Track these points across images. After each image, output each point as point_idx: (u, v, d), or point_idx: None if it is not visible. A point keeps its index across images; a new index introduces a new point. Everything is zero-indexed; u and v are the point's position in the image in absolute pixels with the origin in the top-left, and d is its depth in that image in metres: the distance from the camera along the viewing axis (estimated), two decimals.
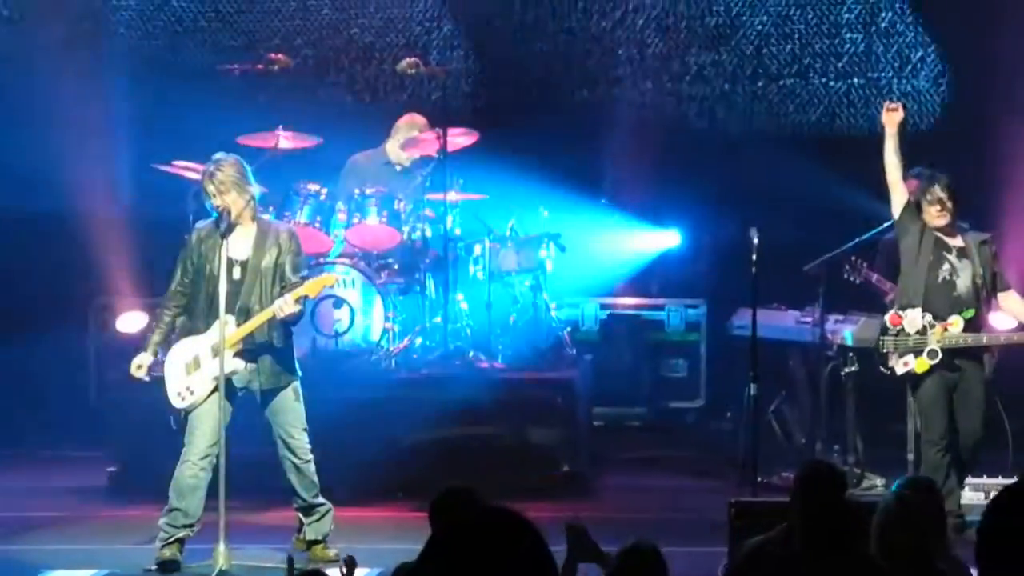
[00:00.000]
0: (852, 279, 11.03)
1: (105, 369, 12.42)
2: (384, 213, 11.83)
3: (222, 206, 8.97)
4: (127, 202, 13.67)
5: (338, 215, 11.90)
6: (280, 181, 11.62)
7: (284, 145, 11.72)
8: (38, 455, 12.57)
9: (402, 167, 12.40)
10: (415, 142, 12.20)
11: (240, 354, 9.02)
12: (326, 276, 9.57)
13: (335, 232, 11.89)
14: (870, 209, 11.07)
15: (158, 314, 9.32)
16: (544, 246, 12.37)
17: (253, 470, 9.44)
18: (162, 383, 9.11)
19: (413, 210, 11.97)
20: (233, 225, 8.99)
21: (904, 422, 10.67)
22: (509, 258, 12.27)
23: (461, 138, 12.10)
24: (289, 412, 9.19)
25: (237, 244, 9.05)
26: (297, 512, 9.39)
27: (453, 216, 11.99)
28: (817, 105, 14.51)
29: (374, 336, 11.72)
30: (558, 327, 12.49)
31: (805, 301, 11.60)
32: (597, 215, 13.86)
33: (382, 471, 10.70)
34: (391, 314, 11.70)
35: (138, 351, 9.27)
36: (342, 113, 13.96)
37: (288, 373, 9.19)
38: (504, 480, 10.28)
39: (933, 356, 9.88)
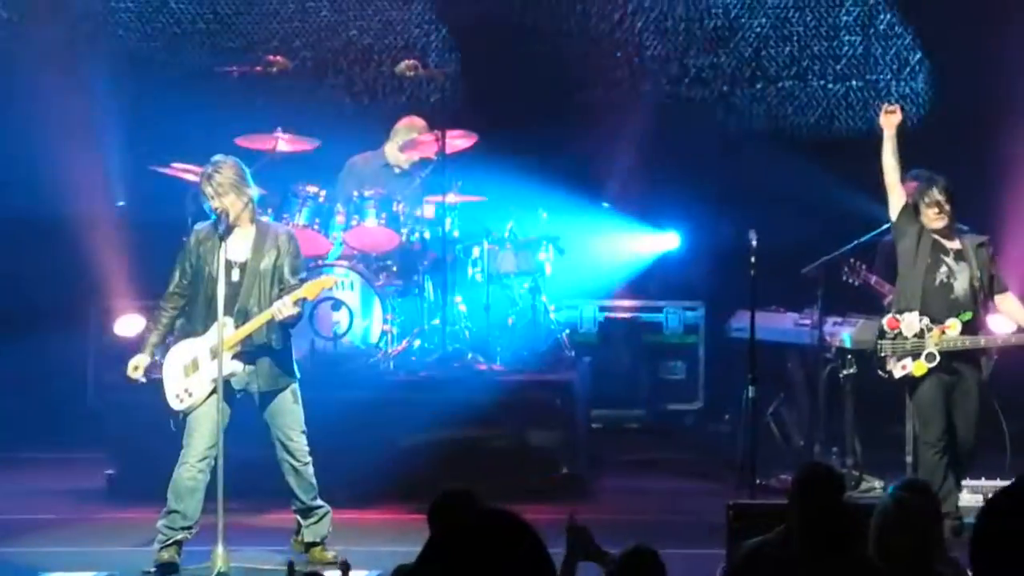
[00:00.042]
0: (851, 281, 11.03)
1: (103, 371, 12.41)
2: (383, 215, 11.83)
3: (220, 208, 8.96)
4: (126, 204, 13.67)
5: (337, 217, 11.90)
6: (279, 183, 11.63)
7: (282, 148, 11.71)
8: (36, 457, 12.56)
9: (401, 169, 12.40)
10: (414, 144, 12.21)
11: (239, 356, 9.02)
12: (325, 278, 9.56)
13: (334, 234, 11.89)
14: (868, 211, 11.07)
15: (155, 315, 9.32)
16: (543, 248, 12.37)
17: (251, 472, 9.44)
18: (160, 385, 9.11)
19: (411, 212, 11.98)
20: (231, 227, 8.98)
21: (902, 424, 10.67)
22: (508, 260, 12.27)
23: (460, 140, 12.10)
24: (287, 414, 9.18)
25: (236, 246, 9.05)
26: (295, 514, 9.39)
27: (452, 218, 11.99)
28: (816, 107, 14.51)
29: (373, 338, 11.72)
30: (557, 329, 12.49)
31: (803, 303, 11.60)
32: (596, 217, 13.87)
33: (380, 473, 10.69)
34: (390, 316, 11.70)
35: (136, 353, 9.27)
36: (341, 115, 13.97)
37: (287, 375, 9.19)
38: (503, 482, 10.29)
39: (931, 359, 9.88)
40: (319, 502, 9.34)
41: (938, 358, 9.87)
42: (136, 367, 9.14)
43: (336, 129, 12.56)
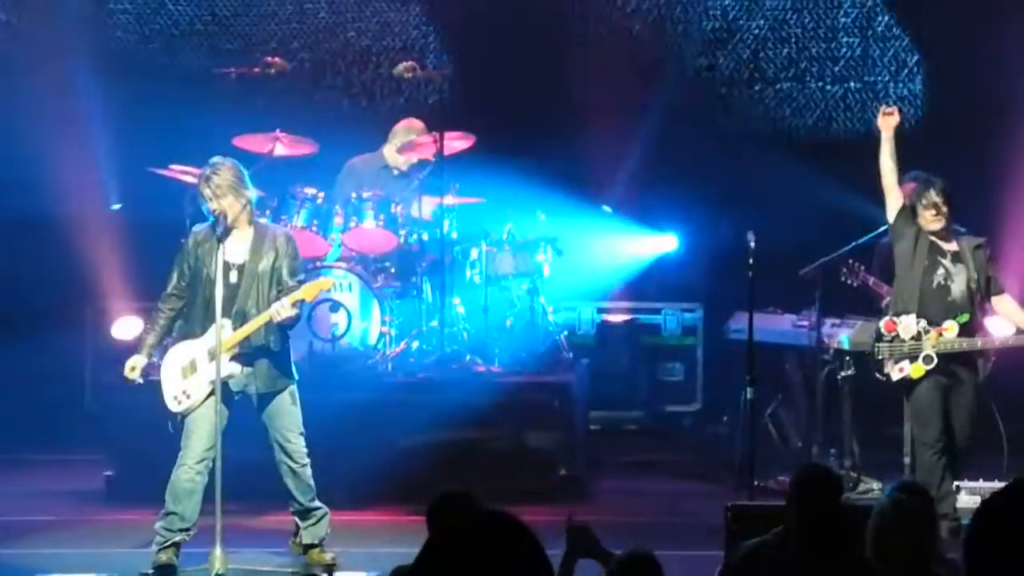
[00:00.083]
0: (849, 282, 11.03)
1: (101, 373, 12.41)
2: (381, 217, 11.84)
3: (218, 210, 8.96)
4: (124, 205, 13.67)
5: (335, 219, 11.90)
6: (277, 185, 11.63)
7: (280, 152, 11.70)
8: (34, 459, 12.56)
9: (399, 171, 12.40)
10: (412, 146, 12.21)
11: (237, 358, 9.01)
12: (323, 280, 9.55)
13: (332, 236, 11.89)
14: (866, 213, 11.08)
15: (153, 317, 9.32)
16: (541, 250, 12.37)
17: (249, 474, 9.44)
18: (158, 387, 9.11)
19: (409, 214, 11.98)
20: (229, 229, 8.99)
21: (900, 426, 10.67)
22: (506, 262, 12.27)
23: (458, 142, 12.11)
24: (286, 416, 9.18)
25: (234, 248, 9.05)
26: (293, 516, 9.39)
27: (450, 220, 11.99)
28: (814, 109, 14.52)
29: (371, 340, 11.72)
30: (555, 331, 12.49)
31: (802, 305, 11.60)
32: (594, 219, 13.88)
33: (379, 475, 10.68)
34: (388, 318, 11.71)
35: (133, 354, 9.27)
36: (339, 117, 13.97)
37: (285, 377, 9.19)
38: (501, 484, 10.28)
39: (929, 361, 9.88)
40: (317, 504, 9.34)
41: (935, 360, 9.87)
42: (133, 367, 9.14)
43: (334, 131, 12.57)
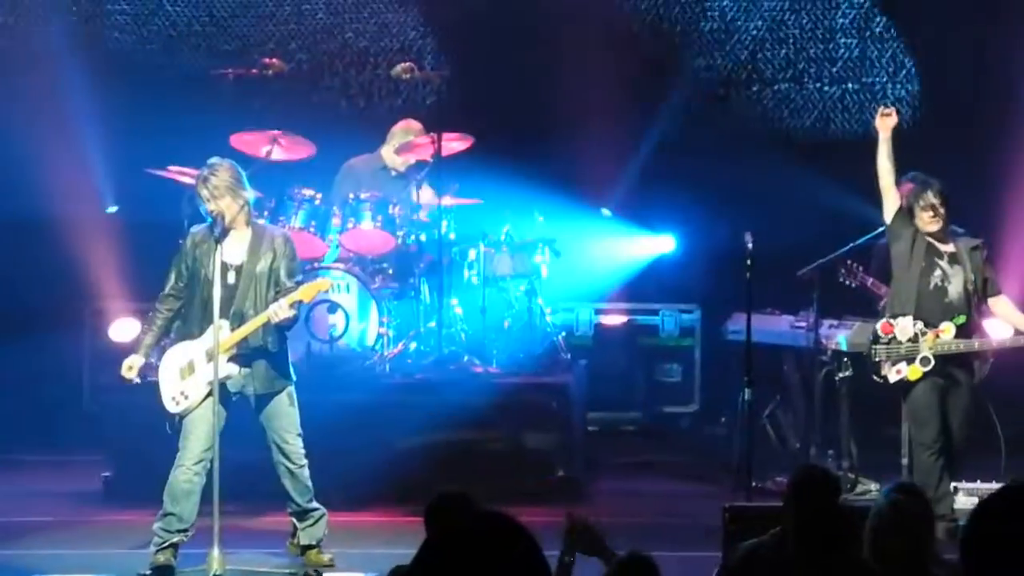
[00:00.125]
0: (848, 283, 11.03)
1: (99, 374, 12.42)
2: (379, 218, 11.84)
3: (216, 211, 8.96)
4: (121, 206, 13.67)
5: (333, 220, 11.90)
6: (275, 186, 11.63)
7: (278, 156, 11.67)
8: (32, 459, 12.56)
9: (397, 172, 12.40)
10: (410, 147, 12.21)
11: (234, 359, 9.01)
12: (321, 281, 9.56)
13: (330, 237, 11.89)
14: (864, 214, 11.07)
15: (150, 317, 9.31)
16: (539, 251, 12.38)
17: (247, 475, 9.45)
18: (156, 388, 9.11)
19: (407, 214, 11.99)
20: (227, 230, 8.99)
21: (898, 427, 10.67)
22: (504, 263, 12.27)
23: (456, 143, 12.11)
24: (283, 417, 9.18)
25: (232, 249, 9.05)
26: (291, 517, 9.39)
27: (448, 221, 11.99)
28: (812, 110, 14.52)
29: (369, 341, 11.72)
30: (553, 332, 12.49)
31: (799, 306, 11.60)
32: (592, 220, 13.88)
33: (376, 476, 10.68)
34: (386, 319, 11.71)
35: (131, 354, 9.27)
36: (337, 118, 13.96)
37: (282, 378, 9.19)
38: (499, 485, 10.28)
39: (926, 363, 9.88)
40: (315, 505, 9.34)
41: (933, 362, 9.87)
42: (130, 367, 9.13)
43: (332, 132, 12.56)
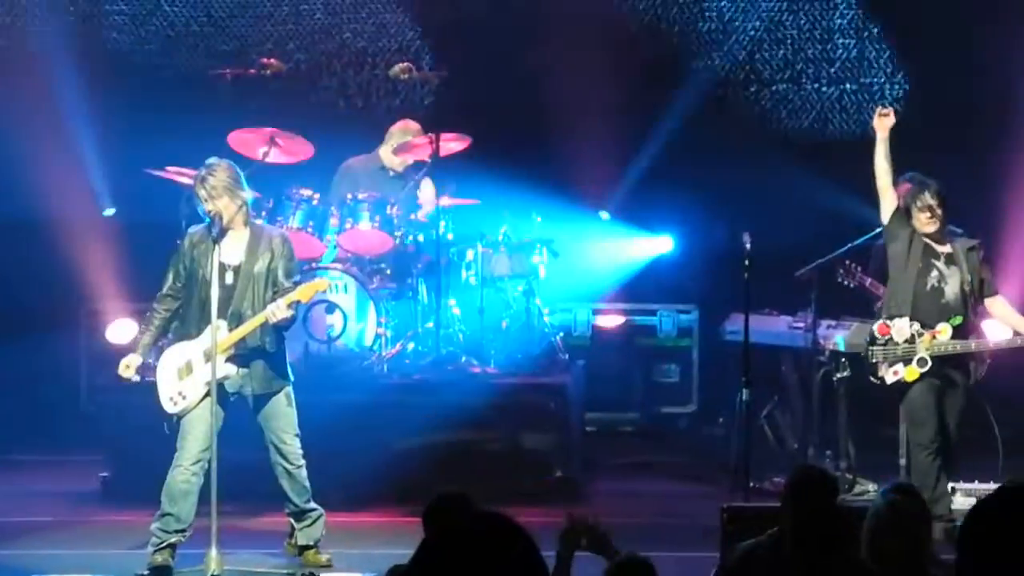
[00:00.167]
0: (846, 283, 11.03)
1: (96, 374, 12.41)
2: (377, 218, 11.83)
3: (214, 211, 8.96)
4: (119, 207, 13.67)
5: (331, 220, 11.90)
6: (273, 186, 11.62)
7: (276, 159, 11.65)
8: (30, 460, 12.55)
9: (395, 172, 12.40)
10: (408, 147, 12.21)
11: (232, 359, 9.01)
12: (318, 281, 9.55)
13: (328, 237, 11.89)
14: (863, 214, 11.08)
15: (148, 317, 9.30)
16: (537, 252, 12.37)
17: (245, 475, 9.44)
18: (154, 388, 9.10)
19: (405, 215, 11.98)
20: (225, 230, 8.98)
21: (896, 427, 10.66)
22: (502, 263, 12.27)
23: (454, 143, 12.10)
24: (281, 417, 9.18)
25: (230, 249, 9.05)
26: (289, 517, 9.39)
27: (446, 221, 11.99)
28: (810, 110, 14.52)
29: (367, 341, 11.72)
30: (551, 332, 12.49)
31: (797, 306, 11.60)
32: (590, 221, 13.88)
33: (374, 476, 10.68)
34: (384, 319, 11.70)
35: (128, 354, 9.28)
36: (334, 118, 13.95)
37: (280, 378, 9.19)
38: (497, 485, 10.28)
39: (923, 364, 9.88)
40: (312, 505, 9.34)
41: (930, 363, 9.87)
42: (128, 365, 9.13)
43: (330, 132, 12.56)
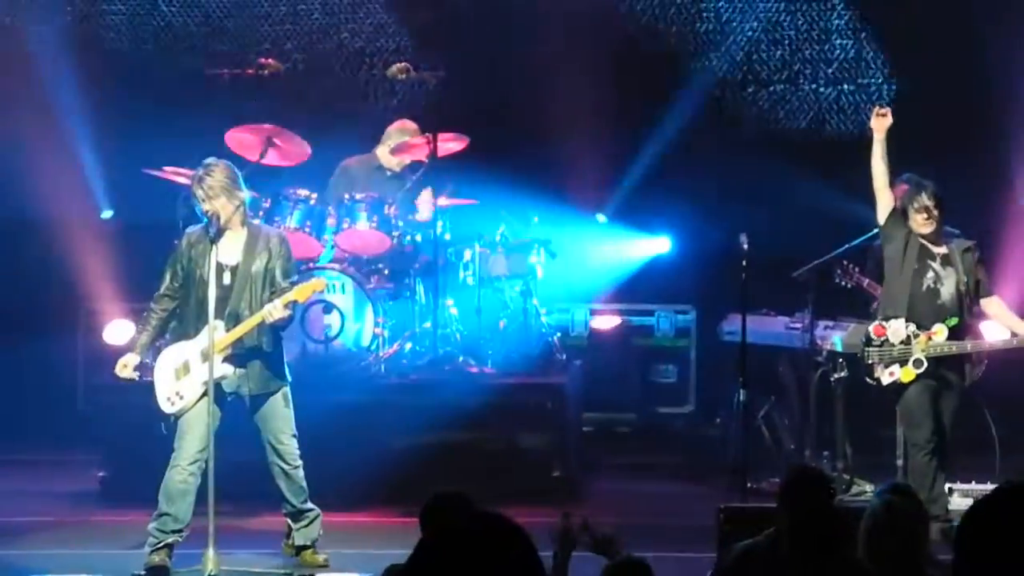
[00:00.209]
0: (844, 284, 11.03)
1: (93, 374, 12.41)
2: (374, 218, 11.83)
3: (211, 211, 8.96)
4: (116, 207, 13.67)
5: (328, 220, 11.89)
6: (270, 186, 11.62)
7: (273, 161, 11.64)
8: (27, 459, 12.55)
9: (393, 172, 12.40)
10: (406, 147, 12.21)
11: (229, 359, 9.01)
12: (315, 281, 9.54)
13: (325, 237, 11.89)
14: (860, 215, 11.07)
15: (145, 317, 9.30)
16: (534, 252, 12.38)
17: (242, 475, 9.44)
18: (151, 388, 9.10)
19: (403, 215, 11.98)
20: (223, 230, 8.98)
21: (893, 428, 10.67)
22: (499, 263, 12.27)
23: (451, 143, 12.10)
24: (278, 418, 9.18)
25: (227, 249, 9.05)
26: (286, 517, 9.39)
27: (443, 221, 11.99)
28: (807, 111, 14.52)
29: (364, 341, 11.71)
30: (548, 332, 12.50)
31: (795, 307, 11.61)
32: (587, 221, 13.88)
33: (371, 476, 10.68)
34: (381, 319, 11.70)
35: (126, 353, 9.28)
36: (332, 118, 13.95)
37: (277, 378, 9.19)
38: (494, 485, 10.27)
39: (919, 365, 9.88)
40: (309, 505, 9.34)
41: (925, 364, 9.88)
42: (125, 364, 9.13)
43: (328, 132, 12.56)
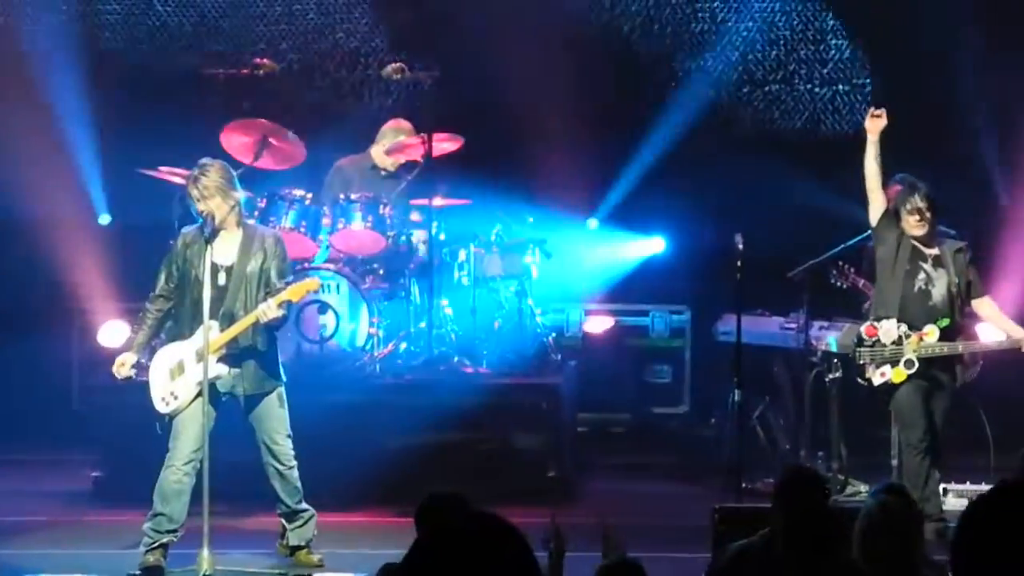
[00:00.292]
0: (839, 284, 11.04)
1: (88, 374, 12.40)
2: (369, 218, 11.83)
3: (206, 211, 8.96)
4: (111, 207, 13.66)
5: (323, 220, 11.89)
6: (265, 186, 11.62)
7: (267, 164, 11.64)
8: (22, 459, 12.54)
9: (387, 172, 12.40)
10: (400, 147, 12.21)
11: (224, 359, 9.01)
12: (309, 281, 9.53)
13: (320, 237, 11.88)
14: (855, 215, 11.07)
15: (141, 317, 9.30)
16: (529, 252, 12.38)
17: (237, 475, 9.44)
18: (146, 388, 9.10)
19: (398, 215, 11.98)
20: (218, 230, 8.98)
21: (888, 428, 10.68)
22: (494, 264, 12.27)
23: (446, 143, 12.10)
24: (273, 418, 9.18)
25: (222, 249, 9.05)
26: (280, 518, 9.39)
27: (438, 221, 11.99)
28: (802, 111, 14.53)
29: (359, 341, 11.71)
30: (543, 333, 12.50)
31: (789, 307, 11.62)
32: (582, 222, 13.88)
33: (366, 476, 10.68)
34: (376, 319, 11.70)
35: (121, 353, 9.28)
36: (327, 118, 13.95)
37: (272, 378, 9.19)
38: (489, 485, 10.28)
39: (910, 366, 9.89)
40: (304, 505, 9.34)
41: (917, 364, 9.88)
42: (123, 363, 9.13)
43: (323, 132, 12.55)
